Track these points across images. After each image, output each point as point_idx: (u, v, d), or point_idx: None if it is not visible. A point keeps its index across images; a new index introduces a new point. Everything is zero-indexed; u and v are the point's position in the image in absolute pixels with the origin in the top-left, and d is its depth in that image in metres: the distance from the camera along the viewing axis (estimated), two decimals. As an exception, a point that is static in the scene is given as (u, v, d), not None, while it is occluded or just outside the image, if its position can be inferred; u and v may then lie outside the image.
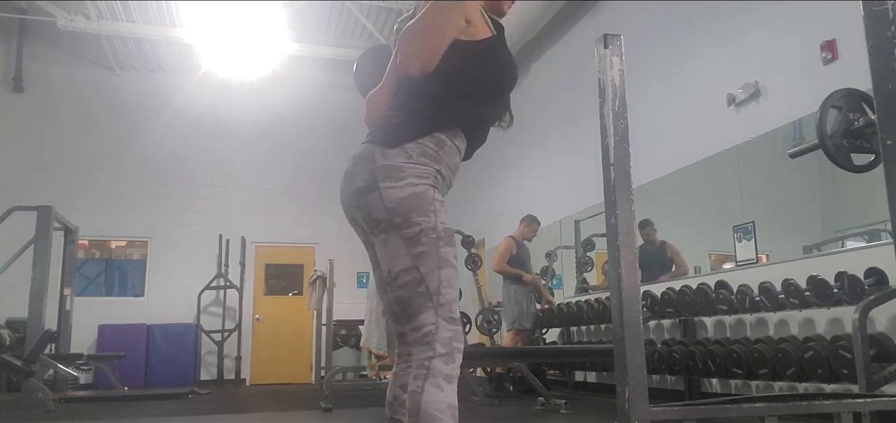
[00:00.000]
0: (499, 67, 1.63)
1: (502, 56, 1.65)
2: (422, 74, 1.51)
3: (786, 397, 2.39)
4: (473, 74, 1.58)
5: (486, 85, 1.62)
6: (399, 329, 1.61)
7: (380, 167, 1.50)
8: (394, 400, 1.62)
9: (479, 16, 1.61)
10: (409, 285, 1.46)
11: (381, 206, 1.48)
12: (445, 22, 1.51)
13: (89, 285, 9.51)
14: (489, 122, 1.70)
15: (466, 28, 1.56)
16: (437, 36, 1.51)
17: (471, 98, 1.60)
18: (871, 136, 2.90)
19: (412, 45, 1.51)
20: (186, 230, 9.65)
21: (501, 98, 1.69)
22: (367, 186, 1.50)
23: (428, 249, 1.47)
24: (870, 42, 2.16)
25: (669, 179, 5.73)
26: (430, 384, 1.40)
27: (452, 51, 1.54)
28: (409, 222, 1.47)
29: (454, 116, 1.58)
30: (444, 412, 1.38)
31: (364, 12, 8.83)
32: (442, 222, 1.50)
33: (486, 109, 1.66)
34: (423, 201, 1.48)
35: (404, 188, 1.48)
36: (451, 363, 1.44)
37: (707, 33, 5.44)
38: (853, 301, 3.55)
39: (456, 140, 1.59)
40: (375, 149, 1.53)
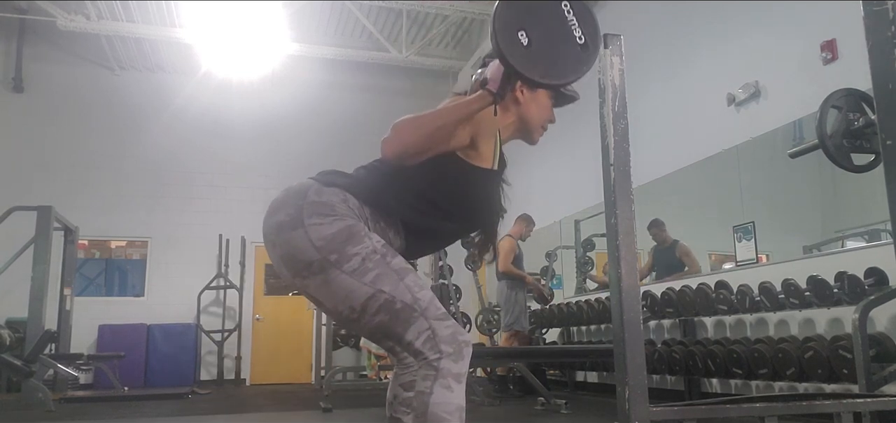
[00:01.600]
0: (474, 199, 1.56)
1: (486, 192, 1.58)
2: (395, 162, 1.42)
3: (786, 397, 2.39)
4: (444, 190, 1.51)
5: (452, 207, 1.54)
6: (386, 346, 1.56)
7: (309, 203, 1.42)
8: (394, 399, 1.60)
9: (490, 146, 1.55)
10: (382, 308, 1.39)
11: (309, 246, 1.39)
12: (447, 130, 1.43)
13: (89, 285, 9.50)
14: (436, 240, 1.64)
15: (467, 148, 1.51)
16: (431, 138, 1.42)
17: (429, 209, 1.52)
18: (871, 136, 2.90)
19: (403, 133, 1.40)
20: (186, 230, 9.65)
21: (464, 226, 1.62)
22: (290, 222, 1.41)
23: (380, 270, 1.39)
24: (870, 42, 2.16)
25: (669, 179, 5.73)
26: (440, 385, 1.36)
27: (441, 157, 1.47)
28: (346, 255, 1.38)
29: (403, 212, 1.50)
30: (452, 414, 1.35)
31: (364, 12, 8.82)
32: (377, 240, 1.43)
33: (438, 226, 1.57)
34: (354, 232, 1.40)
35: (333, 224, 1.39)
36: (461, 361, 1.40)
37: (707, 33, 5.44)
38: (853, 301, 3.55)
39: (390, 232, 1.51)
40: (313, 185, 1.47)
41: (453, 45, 9.84)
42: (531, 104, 1.66)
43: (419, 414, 1.36)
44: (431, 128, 1.41)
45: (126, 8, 8.26)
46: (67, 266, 7.95)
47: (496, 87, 1.42)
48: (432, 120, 1.41)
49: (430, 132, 1.41)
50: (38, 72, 9.44)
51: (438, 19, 9.02)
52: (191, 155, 9.85)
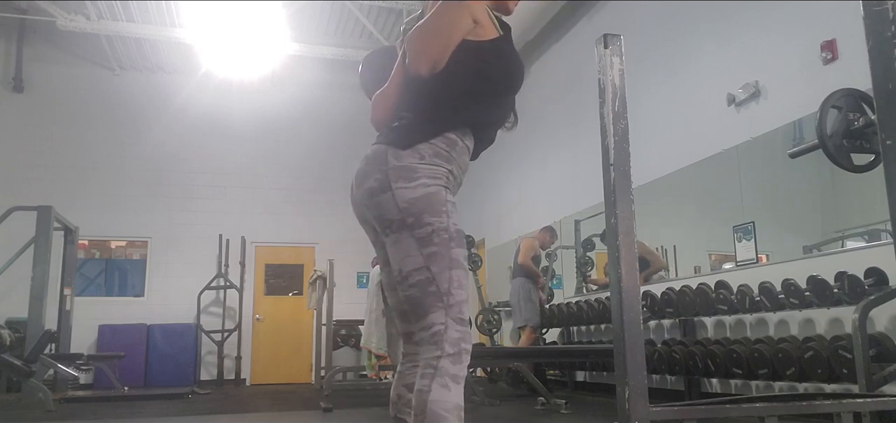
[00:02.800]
0: (506, 67, 1.64)
1: (510, 56, 1.66)
2: (430, 73, 1.51)
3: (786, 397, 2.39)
4: (481, 74, 1.59)
5: (494, 85, 1.63)
6: (407, 329, 1.62)
7: (393, 168, 1.51)
8: (398, 399, 1.62)
9: (486, 16, 1.62)
10: (419, 284, 1.47)
11: (394, 206, 1.49)
12: (453, 22, 1.52)
13: (89, 285, 9.51)
14: (497, 122, 1.71)
15: (474, 28, 1.57)
16: (445, 35, 1.51)
17: (479, 98, 1.61)
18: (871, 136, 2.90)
19: (421, 45, 1.51)
20: (186, 230, 9.65)
21: (508, 98, 1.70)
22: (380, 187, 1.51)
23: (439, 249, 1.48)
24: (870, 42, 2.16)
25: (669, 179, 5.73)
26: (438, 383, 1.40)
27: (460, 51, 1.54)
28: (421, 222, 1.48)
29: (463, 115, 1.59)
30: (450, 412, 1.38)
31: (364, 12, 8.83)
32: (454, 223, 1.52)
33: (494, 109, 1.66)
34: (435, 202, 1.49)
35: (417, 189, 1.49)
36: (459, 364, 1.44)
37: (707, 33, 5.44)
38: (853, 301, 3.55)
39: (466, 140, 1.61)
40: (388, 150, 1.54)
41: (453, 45, 9.83)
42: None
43: (418, 412, 1.39)
44: (443, 28, 1.51)
45: (126, 8, 8.26)
46: (67, 266, 7.96)
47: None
48: (438, 20, 1.51)
49: (444, 33, 1.51)
50: (38, 72, 9.44)
51: (438, 19, 9.01)
52: (191, 155, 9.85)
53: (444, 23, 1.51)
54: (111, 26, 8.47)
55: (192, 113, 9.89)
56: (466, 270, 1.53)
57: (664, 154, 5.71)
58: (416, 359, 1.57)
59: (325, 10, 8.95)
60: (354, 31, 9.53)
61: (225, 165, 9.99)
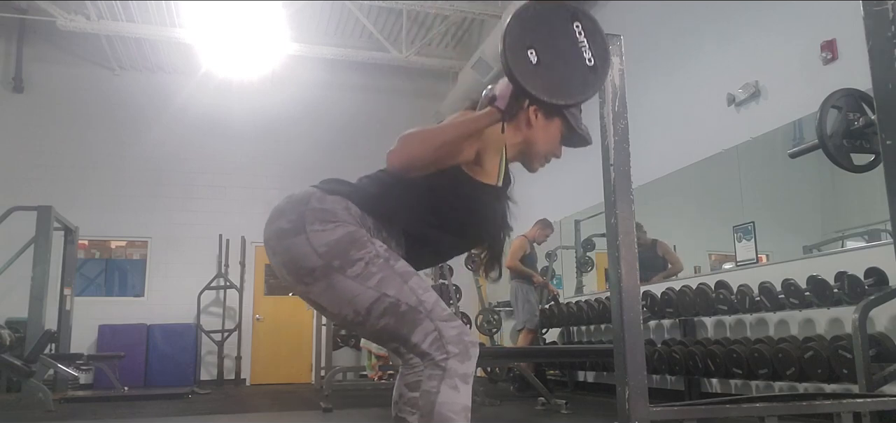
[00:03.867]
0: (478, 215, 1.56)
1: (488, 208, 1.58)
2: (400, 173, 1.41)
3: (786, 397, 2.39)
4: (449, 202, 1.51)
5: (455, 220, 1.54)
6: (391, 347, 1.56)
7: (311, 210, 1.42)
8: (399, 399, 1.60)
9: (495, 163, 1.55)
10: (388, 311, 1.39)
11: (311, 252, 1.39)
12: (454, 145, 1.43)
13: (89, 285, 9.50)
14: (437, 255, 1.64)
15: (472, 163, 1.51)
16: (437, 152, 1.41)
17: (433, 219, 1.53)
18: (871, 136, 2.90)
19: (409, 145, 1.39)
20: (186, 230, 9.64)
21: (465, 241, 1.63)
22: (292, 229, 1.41)
23: (383, 273, 1.40)
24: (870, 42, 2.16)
25: (669, 179, 5.73)
26: (447, 384, 1.36)
27: (447, 171, 1.48)
28: (350, 260, 1.38)
29: (407, 222, 1.51)
30: (458, 414, 1.35)
31: (364, 12, 8.82)
32: (379, 245, 1.44)
33: (441, 239, 1.57)
34: (356, 238, 1.41)
35: (335, 230, 1.40)
36: (467, 361, 1.40)
37: (707, 33, 5.44)
38: (853, 301, 3.55)
39: (392, 242, 1.52)
40: (315, 192, 1.47)
41: (453, 46, 9.84)
42: (541, 131, 1.66)
43: (425, 414, 1.36)
44: (438, 142, 1.40)
45: (126, 8, 8.26)
46: (67, 266, 7.95)
47: (504, 104, 1.42)
48: (439, 134, 1.41)
49: (436, 146, 1.40)
50: (38, 72, 9.44)
51: (438, 19, 9.01)
52: (191, 155, 9.85)
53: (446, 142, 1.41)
54: (111, 26, 8.47)
55: (192, 113, 9.89)
56: (418, 274, 1.47)
57: (664, 154, 5.72)
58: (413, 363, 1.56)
59: (325, 10, 8.94)
60: (354, 31, 9.52)
61: (225, 165, 9.99)
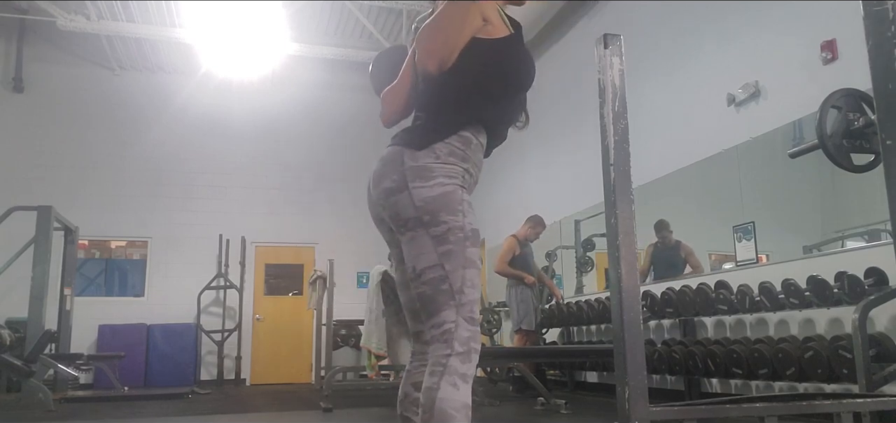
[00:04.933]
0: (517, 65, 1.65)
1: (520, 53, 1.67)
2: (439, 70, 1.53)
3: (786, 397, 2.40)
4: (493, 72, 1.60)
5: (505, 82, 1.64)
6: (417, 328, 1.62)
7: (409, 169, 1.52)
8: (405, 398, 1.62)
9: (496, 14, 1.62)
10: (432, 281, 1.47)
11: (410, 204, 1.50)
12: (462, 19, 1.53)
13: (89, 285, 9.50)
14: (509, 119, 1.72)
15: (484, 27, 1.58)
16: (454, 33, 1.52)
17: (491, 96, 1.62)
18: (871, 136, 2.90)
19: (430, 43, 1.53)
20: (186, 230, 9.65)
21: (520, 95, 1.71)
22: (397, 187, 1.52)
23: (454, 247, 1.48)
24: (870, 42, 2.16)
25: (669, 179, 5.73)
26: (446, 381, 1.40)
27: (472, 49, 1.56)
28: (437, 220, 1.49)
29: (477, 113, 1.60)
30: (458, 411, 1.39)
31: (364, 12, 8.83)
32: (469, 223, 1.52)
33: (505, 106, 1.67)
34: (451, 201, 1.50)
35: (434, 188, 1.50)
36: (468, 363, 1.45)
37: (707, 33, 5.44)
38: (853, 301, 3.55)
39: (480, 137, 1.62)
40: (404, 151, 1.55)
41: (453, 45, 9.83)
42: None
43: (426, 410, 1.39)
44: (451, 25, 1.52)
45: (126, 8, 8.26)
46: (67, 266, 7.95)
47: None
48: (446, 17, 1.52)
49: (452, 30, 1.51)
50: (38, 72, 9.44)
51: (438, 19, 9.01)
52: (191, 155, 9.85)
53: (454, 20, 1.52)
54: (111, 26, 8.47)
55: (192, 113, 9.89)
56: (479, 270, 1.54)
57: (664, 154, 5.71)
58: (424, 358, 1.57)
59: (325, 10, 8.94)
60: (354, 31, 9.52)
61: (225, 165, 9.99)
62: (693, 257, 5.74)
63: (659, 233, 5.96)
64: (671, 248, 5.91)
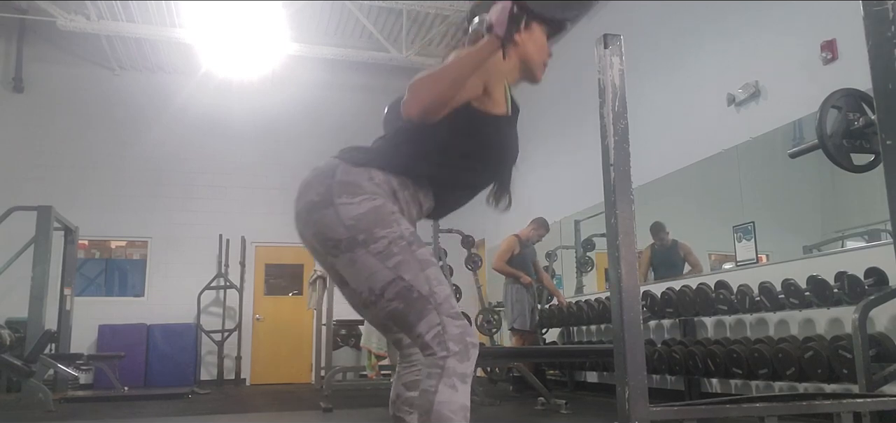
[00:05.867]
0: (498, 146, 1.59)
1: (506, 137, 1.60)
2: (419, 121, 1.42)
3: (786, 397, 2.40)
4: (467, 141, 1.53)
5: (477, 157, 1.57)
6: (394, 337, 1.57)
7: (337, 182, 1.45)
8: (397, 398, 1.60)
9: (501, 92, 1.56)
10: (400, 295, 1.41)
11: (339, 223, 1.43)
12: (462, 81, 1.44)
13: (89, 285, 9.50)
14: (466, 191, 1.66)
15: (482, 97, 1.52)
16: (449, 91, 1.42)
17: (455, 162, 1.55)
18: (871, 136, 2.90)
19: (423, 92, 1.40)
20: (186, 230, 9.64)
21: (489, 176, 1.65)
22: (321, 202, 1.45)
23: (403, 256, 1.42)
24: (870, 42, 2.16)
25: (669, 179, 5.73)
26: (445, 383, 1.36)
27: (459, 111, 1.49)
28: (374, 236, 1.41)
29: (429, 170, 1.53)
30: (456, 414, 1.35)
31: (364, 12, 8.82)
32: (406, 228, 1.46)
33: (466, 179, 1.61)
34: (383, 213, 1.44)
35: (361, 204, 1.43)
36: (466, 361, 1.40)
37: (707, 33, 5.44)
38: (853, 301, 3.55)
39: (420, 194, 1.55)
40: (340, 164, 1.49)
41: (453, 46, 9.82)
42: (530, 43, 1.65)
43: (423, 412, 1.36)
44: (447, 82, 1.42)
45: (126, 8, 8.26)
46: (67, 266, 7.95)
47: (503, 30, 1.42)
48: (447, 74, 1.42)
49: (446, 87, 1.42)
50: (38, 72, 9.44)
51: (438, 19, 9.02)
52: (191, 155, 9.85)
53: (454, 78, 1.42)
54: (111, 26, 8.47)
55: (192, 113, 9.89)
56: (437, 265, 1.48)
57: (664, 154, 5.71)
58: (412, 359, 1.56)
59: (325, 10, 8.94)
60: (354, 32, 9.52)
61: (225, 165, 9.99)
62: (692, 256, 5.75)
63: (656, 235, 5.97)
64: (669, 248, 5.92)
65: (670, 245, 5.92)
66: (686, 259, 5.80)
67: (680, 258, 5.84)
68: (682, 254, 5.83)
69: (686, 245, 5.81)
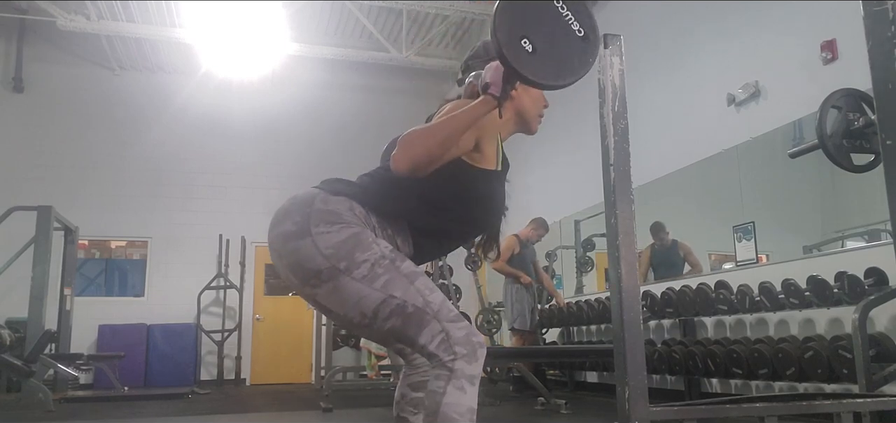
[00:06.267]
0: (484, 200, 1.58)
1: (494, 192, 1.59)
2: (407, 175, 1.39)
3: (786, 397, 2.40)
4: (453, 193, 1.52)
5: (460, 210, 1.55)
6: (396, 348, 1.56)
7: (316, 211, 1.42)
8: (401, 398, 1.60)
9: (493, 148, 1.56)
10: (394, 313, 1.40)
11: (317, 254, 1.39)
12: (456, 139, 1.42)
13: (89, 285, 9.50)
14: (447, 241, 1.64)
15: (472, 152, 1.51)
16: (441, 149, 1.40)
17: (439, 212, 1.53)
18: (871, 136, 2.90)
19: (414, 148, 1.37)
20: (186, 230, 9.64)
21: (471, 226, 1.63)
22: (297, 231, 1.42)
23: (389, 275, 1.40)
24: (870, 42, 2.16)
25: (669, 179, 5.73)
26: (454, 386, 1.35)
27: (448, 163, 1.47)
28: (355, 262, 1.39)
29: (412, 217, 1.52)
30: (463, 416, 1.35)
31: (364, 12, 8.83)
32: (385, 246, 1.45)
33: (447, 230, 1.59)
34: (361, 239, 1.41)
35: (340, 231, 1.40)
36: (475, 362, 1.40)
37: (707, 33, 5.44)
38: (853, 301, 3.55)
39: (398, 239, 1.53)
40: (319, 194, 1.47)
41: (453, 46, 9.84)
42: (524, 97, 1.66)
43: (430, 414, 1.36)
44: (440, 139, 1.39)
45: (126, 8, 8.26)
46: (67, 266, 7.95)
47: (498, 90, 1.40)
48: (440, 131, 1.40)
49: (438, 143, 1.39)
50: (38, 72, 9.44)
51: (438, 19, 9.02)
52: (191, 155, 9.84)
53: (447, 136, 1.40)
54: (111, 26, 8.47)
55: (192, 113, 9.89)
56: (424, 274, 1.47)
57: (664, 154, 5.71)
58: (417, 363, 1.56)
59: (325, 10, 8.94)
60: (354, 31, 9.52)
61: (225, 165, 9.98)
62: (692, 256, 5.75)
63: (655, 235, 5.97)
64: (669, 248, 5.92)
65: (670, 245, 5.92)
66: (686, 259, 5.80)
67: (680, 258, 5.84)
68: (682, 254, 5.84)
69: (686, 245, 5.82)
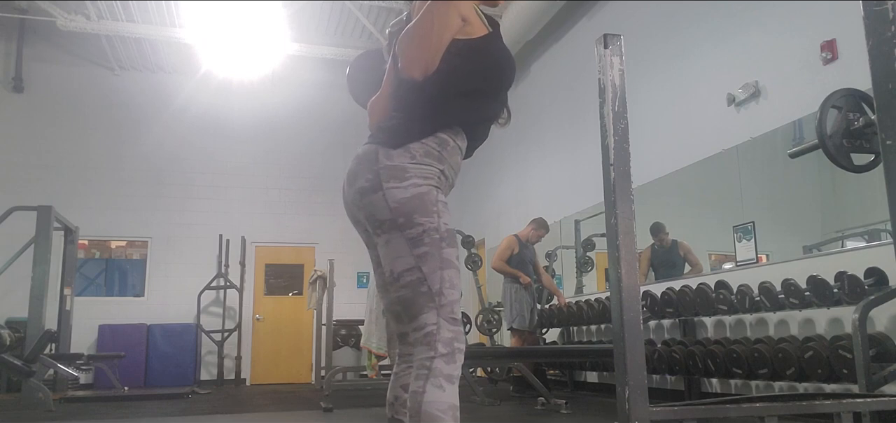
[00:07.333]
0: (496, 64, 1.64)
1: (499, 52, 1.65)
2: (424, 76, 1.52)
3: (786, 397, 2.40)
4: (472, 72, 1.59)
5: (485, 82, 1.63)
6: (400, 329, 1.61)
7: (384, 167, 1.50)
8: (395, 400, 1.61)
9: (474, 14, 1.62)
10: (411, 284, 1.47)
11: (385, 206, 1.49)
12: (443, 23, 1.51)
13: (89, 285, 9.50)
14: (489, 119, 1.71)
15: (463, 27, 1.57)
16: (435, 38, 1.51)
17: (470, 96, 1.60)
18: (871, 136, 2.90)
19: (412, 50, 1.52)
20: (186, 230, 9.65)
21: (500, 94, 1.70)
22: (371, 187, 1.51)
23: (430, 249, 1.47)
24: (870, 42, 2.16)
25: (669, 179, 5.73)
26: (432, 384, 1.39)
27: (450, 50, 1.55)
28: (412, 222, 1.47)
29: (455, 115, 1.59)
30: (445, 413, 1.38)
31: (364, 12, 8.83)
32: (444, 223, 1.51)
33: (485, 107, 1.66)
34: (426, 202, 1.49)
35: (408, 189, 1.48)
36: (453, 364, 1.44)
37: (707, 33, 5.44)
38: (853, 301, 3.55)
39: (458, 139, 1.60)
40: (379, 149, 1.54)
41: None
42: None
43: (413, 413, 1.39)
44: (431, 29, 1.50)
45: (126, 8, 8.26)
46: (67, 266, 7.95)
47: None
48: (428, 22, 1.50)
49: (432, 33, 1.50)
50: (38, 72, 9.44)
51: (438, 19, 9.01)
52: (191, 155, 9.85)
53: (434, 25, 1.50)
54: (111, 26, 8.47)
55: (192, 113, 9.89)
56: (458, 269, 1.53)
57: (664, 154, 5.71)
58: (410, 360, 1.57)
59: (325, 10, 8.95)
60: (354, 31, 9.52)
61: (225, 165, 9.99)
62: (691, 255, 5.75)
63: (655, 236, 5.97)
64: (669, 248, 5.92)
65: (670, 245, 5.93)
66: (686, 259, 5.80)
67: (680, 258, 5.84)
68: (682, 254, 5.84)
69: (686, 245, 5.82)
